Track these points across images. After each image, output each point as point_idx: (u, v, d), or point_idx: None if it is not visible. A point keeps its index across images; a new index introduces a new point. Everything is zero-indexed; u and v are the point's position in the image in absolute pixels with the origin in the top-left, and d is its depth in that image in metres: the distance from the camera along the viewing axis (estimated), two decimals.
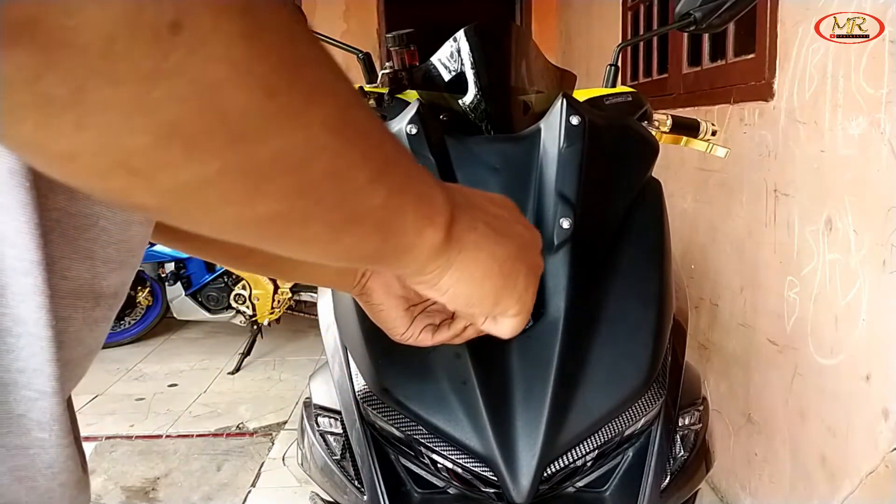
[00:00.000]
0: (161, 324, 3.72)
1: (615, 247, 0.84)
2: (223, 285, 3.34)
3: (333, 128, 0.28)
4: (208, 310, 3.35)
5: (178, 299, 3.33)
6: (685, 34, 1.76)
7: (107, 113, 0.21)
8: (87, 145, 0.22)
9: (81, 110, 0.21)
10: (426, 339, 0.62)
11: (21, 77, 0.20)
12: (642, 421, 0.79)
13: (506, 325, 0.49)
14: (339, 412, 0.84)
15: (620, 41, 1.85)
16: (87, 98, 0.21)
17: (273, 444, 2.51)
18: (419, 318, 0.62)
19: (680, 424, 0.83)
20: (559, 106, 0.86)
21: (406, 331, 0.61)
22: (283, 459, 2.35)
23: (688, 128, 1.20)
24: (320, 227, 0.31)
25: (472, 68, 0.99)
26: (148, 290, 3.62)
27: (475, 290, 0.42)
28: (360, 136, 0.30)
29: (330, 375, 0.88)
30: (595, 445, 0.75)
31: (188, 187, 0.25)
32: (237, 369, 3.22)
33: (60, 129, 0.21)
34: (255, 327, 3.31)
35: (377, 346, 0.78)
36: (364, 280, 0.60)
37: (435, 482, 0.78)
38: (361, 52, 1.23)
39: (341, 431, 0.83)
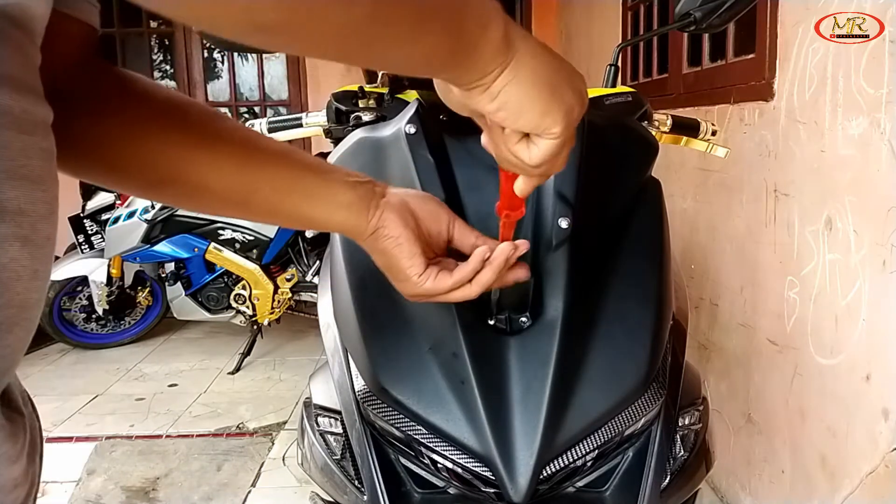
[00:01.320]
0: (161, 324, 3.72)
1: (614, 246, 0.84)
2: (223, 285, 3.34)
3: None
4: (208, 310, 3.35)
5: (178, 299, 3.33)
6: (685, 34, 1.76)
7: None
8: None
9: None
10: (444, 281, 0.60)
11: None
12: (642, 421, 0.79)
13: (543, 147, 0.49)
14: (339, 412, 0.84)
15: (620, 41, 1.85)
16: None
17: (273, 444, 2.51)
18: (433, 266, 0.60)
19: (680, 424, 0.83)
20: None
21: (423, 273, 0.60)
22: (283, 459, 2.35)
23: (688, 128, 1.20)
24: (402, 26, 0.36)
25: None
26: (148, 290, 3.62)
27: (526, 94, 0.44)
28: None
29: (330, 375, 0.88)
30: (595, 445, 0.75)
31: None
32: (237, 369, 3.22)
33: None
34: (255, 327, 3.31)
35: (377, 346, 0.78)
36: (379, 213, 0.58)
37: (435, 482, 0.78)
38: None
39: (341, 431, 0.83)
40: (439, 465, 0.75)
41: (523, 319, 0.77)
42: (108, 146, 0.52)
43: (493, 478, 0.71)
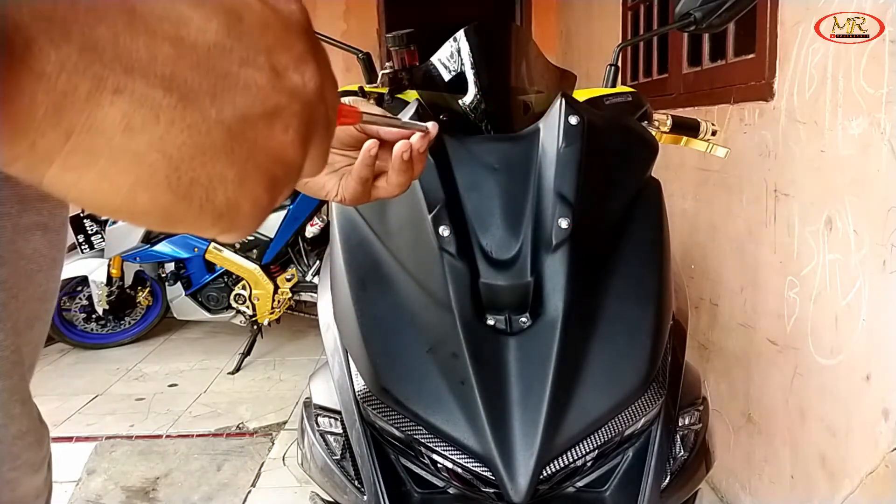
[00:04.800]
0: (161, 324, 3.72)
1: (614, 247, 0.84)
2: (223, 285, 3.34)
3: None
4: (208, 310, 3.35)
5: (178, 299, 3.33)
6: (685, 34, 1.76)
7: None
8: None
9: None
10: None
11: None
12: (642, 421, 0.79)
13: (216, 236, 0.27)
14: (339, 412, 0.84)
15: (620, 41, 1.85)
16: None
17: (273, 444, 2.51)
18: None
19: (680, 424, 0.83)
20: (558, 106, 0.86)
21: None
22: (283, 459, 2.35)
23: (688, 128, 1.20)
24: None
25: (472, 68, 0.99)
26: (148, 290, 3.62)
27: (110, 194, 0.23)
28: None
29: (330, 375, 0.88)
30: (595, 445, 0.75)
31: None
32: (237, 369, 3.22)
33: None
34: (255, 327, 3.31)
35: (377, 347, 0.78)
36: None
37: (435, 482, 0.78)
38: (361, 52, 1.23)
39: (341, 431, 0.83)
40: (439, 465, 0.75)
41: (523, 319, 0.77)
42: None
43: (493, 478, 0.71)
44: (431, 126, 0.50)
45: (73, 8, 0.20)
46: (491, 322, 0.78)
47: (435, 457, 0.75)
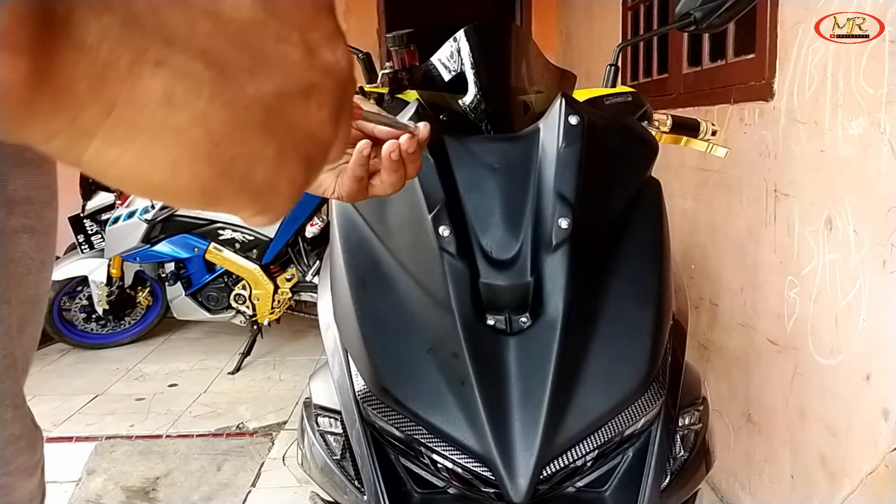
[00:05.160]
0: (161, 324, 3.72)
1: (614, 247, 0.84)
2: (223, 285, 3.34)
3: None
4: (208, 310, 3.35)
5: (178, 299, 3.33)
6: (685, 34, 1.76)
7: None
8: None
9: None
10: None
11: None
12: (642, 421, 0.79)
13: (241, 215, 0.27)
14: (339, 412, 0.84)
15: (620, 41, 1.85)
16: None
17: (273, 444, 2.51)
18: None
19: (680, 424, 0.83)
20: (558, 106, 0.86)
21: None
22: (283, 459, 2.35)
23: (688, 128, 1.20)
24: None
25: (472, 68, 0.99)
26: (148, 290, 3.62)
27: (152, 171, 0.23)
28: None
29: (330, 375, 0.88)
30: (595, 445, 0.75)
31: None
32: (237, 369, 3.22)
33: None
34: (255, 327, 3.31)
35: (376, 347, 0.78)
36: None
37: (435, 482, 0.78)
38: (361, 52, 1.23)
39: (341, 431, 0.83)
40: (439, 465, 0.75)
41: (523, 319, 0.77)
42: None
43: (493, 478, 0.71)
44: (422, 126, 0.49)
45: None
46: (491, 322, 0.78)
47: (435, 457, 0.75)
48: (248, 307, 3.27)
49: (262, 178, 0.24)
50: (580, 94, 1.04)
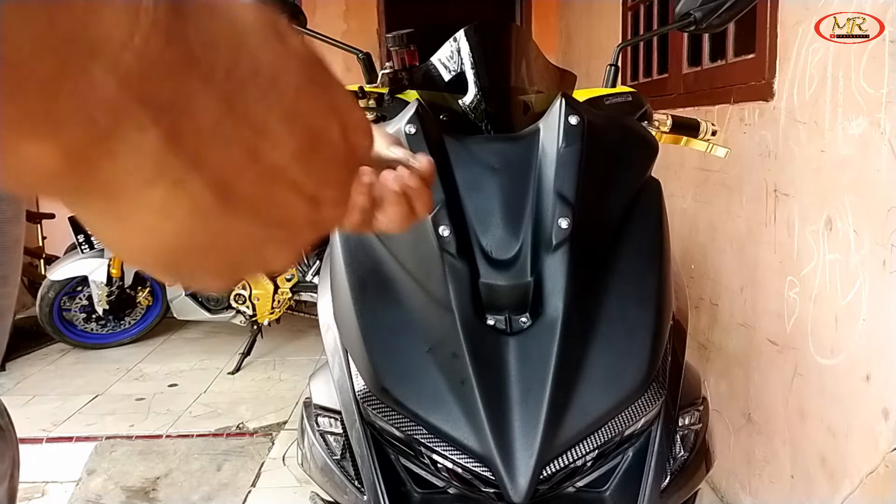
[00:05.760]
0: (161, 324, 3.72)
1: (614, 247, 0.84)
2: None
3: None
4: (208, 310, 3.35)
5: (178, 299, 3.33)
6: (685, 34, 1.76)
7: None
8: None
9: None
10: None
11: None
12: (642, 421, 0.79)
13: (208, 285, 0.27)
14: (339, 412, 0.84)
15: (620, 41, 1.85)
16: None
17: (273, 444, 2.51)
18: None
19: (680, 424, 0.83)
20: (558, 106, 0.86)
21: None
22: (283, 459, 2.35)
23: (688, 128, 1.20)
24: None
25: (472, 68, 0.99)
26: (148, 290, 3.62)
27: (124, 247, 0.24)
28: None
29: (330, 375, 0.88)
30: (595, 445, 0.75)
31: None
32: (237, 369, 3.22)
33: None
34: (255, 327, 3.31)
35: (376, 347, 0.78)
36: None
37: (435, 482, 0.78)
38: (361, 52, 1.23)
39: (341, 431, 0.83)
40: (439, 465, 0.75)
41: (523, 319, 0.77)
42: None
43: (493, 478, 0.71)
44: (423, 159, 0.46)
45: (175, 92, 0.20)
46: (491, 322, 0.78)
47: (435, 457, 0.75)
48: (248, 307, 3.27)
49: (202, 283, 0.26)
50: (580, 94, 1.04)
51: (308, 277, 3.32)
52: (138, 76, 0.19)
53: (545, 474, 0.72)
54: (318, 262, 3.30)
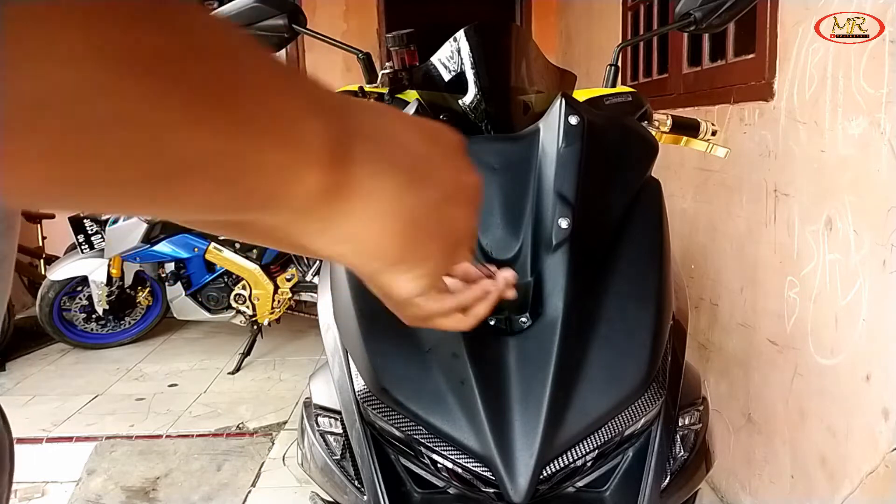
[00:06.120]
0: (161, 324, 3.72)
1: (614, 247, 0.84)
2: (223, 285, 3.34)
3: (109, 59, 0.21)
4: (208, 310, 3.35)
5: (178, 299, 3.33)
6: (685, 34, 1.76)
7: None
8: None
9: None
10: (446, 301, 0.56)
11: None
12: (642, 421, 0.79)
13: (400, 286, 0.38)
14: (339, 412, 0.84)
15: (620, 41, 1.85)
16: None
17: (273, 444, 2.51)
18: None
19: (680, 424, 0.83)
20: (558, 106, 0.86)
21: (426, 300, 0.55)
22: (283, 459, 2.35)
23: (688, 128, 1.20)
24: (137, 186, 0.25)
25: (472, 68, 0.99)
26: (148, 290, 3.62)
27: (373, 245, 0.34)
28: (167, 65, 0.23)
29: (330, 375, 0.88)
30: (595, 445, 0.75)
31: None
32: (237, 369, 3.22)
33: None
34: (255, 327, 3.31)
35: (376, 347, 0.78)
36: None
37: (435, 482, 0.78)
38: (361, 52, 1.23)
39: (341, 431, 0.83)
40: (439, 465, 0.75)
41: (523, 319, 0.77)
42: None
43: (493, 478, 0.71)
44: (509, 275, 0.58)
45: (380, 135, 0.33)
46: (491, 322, 0.78)
47: (435, 457, 0.75)
48: (248, 307, 3.27)
49: (437, 248, 0.37)
50: (580, 94, 1.04)
51: (308, 277, 3.32)
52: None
53: (545, 474, 0.72)
54: (318, 262, 3.30)
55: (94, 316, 3.53)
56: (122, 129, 0.22)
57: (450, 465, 0.74)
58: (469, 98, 0.99)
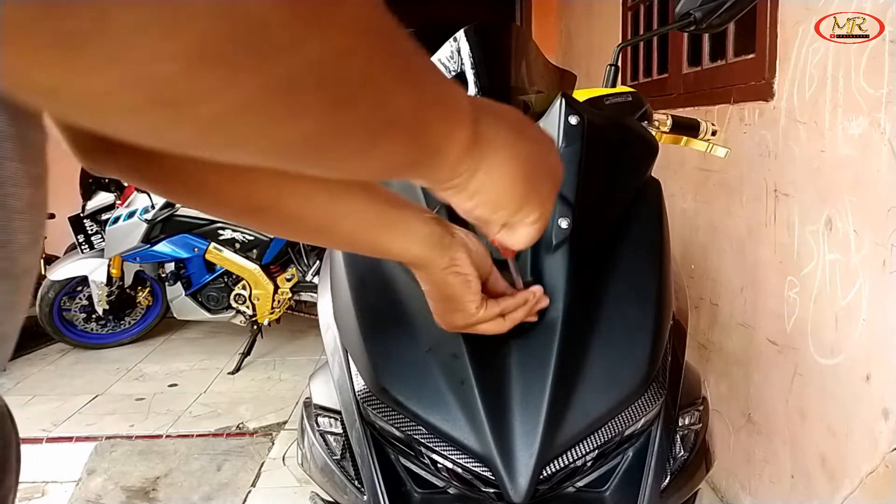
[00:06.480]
0: (161, 324, 3.72)
1: (614, 247, 0.84)
2: (223, 285, 3.34)
3: (361, 30, 0.27)
4: (208, 310, 3.35)
5: (178, 299, 3.33)
6: (685, 34, 1.76)
7: (132, 40, 0.20)
8: (116, 80, 0.21)
9: (105, 41, 0.20)
10: (492, 308, 0.65)
11: (33, 16, 0.19)
12: (642, 421, 0.79)
13: (523, 234, 0.48)
14: (339, 412, 0.84)
15: (620, 41, 1.85)
16: (110, 27, 0.20)
17: (273, 444, 2.51)
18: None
19: (680, 424, 0.83)
20: (558, 106, 0.86)
21: (480, 305, 0.64)
22: (283, 459, 2.35)
23: (688, 128, 1.20)
24: (356, 137, 0.31)
25: (472, 68, 0.99)
26: (148, 290, 3.62)
27: (503, 191, 0.43)
28: (384, 37, 0.30)
29: (330, 375, 0.88)
30: (595, 445, 0.75)
31: (227, 113, 0.24)
32: (237, 369, 3.22)
33: (87, 65, 0.20)
34: (255, 327, 3.31)
35: (376, 347, 0.78)
36: (454, 250, 0.61)
37: (435, 482, 0.78)
38: None
39: (341, 431, 0.83)
40: (439, 465, 0.75)
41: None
42: (203, 178, 0.52)
43: (493, 478, 0.71)
44: (537, 291, 0.70)
45: (487, 106, 0.42)
46: None
47: (435, 457, 0.75)
48: (248, 307, 3.27)
49: (546, 190, 0.47)
50: (580, 94, 1.04)
51: (308, 277, 3.32)
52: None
53: (545, 474, 0.72)
54: (318, 262, 3.30)
55: (94, 316, 3.53)
56: (364, 88, 0.28)
57: (450, 465, 0.74)
58: None
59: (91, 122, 0.24)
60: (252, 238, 3.21)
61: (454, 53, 1.03)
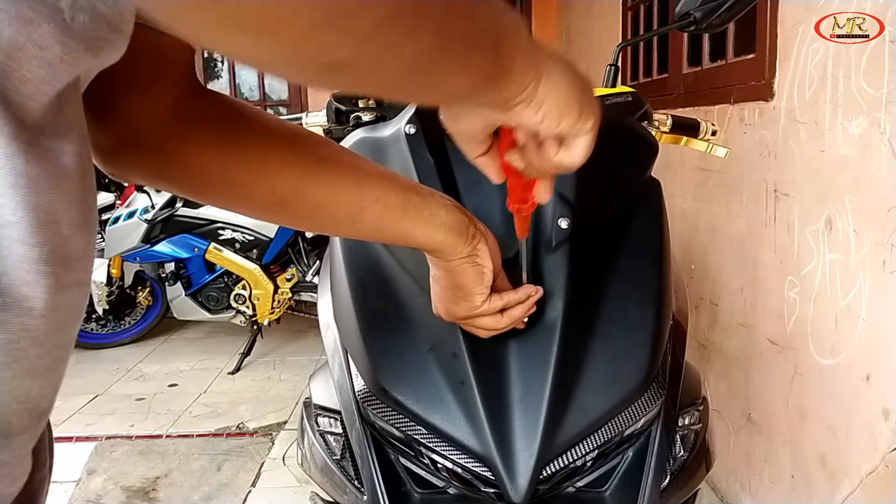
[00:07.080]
0: (161, 324, 3.72)
1: (614, 247, 0.84)
2: (223, 285, 3.34)
3: None
4: (208, 310, 3.35)
5: (178, 299, 3.33)
6: (685, 34, 1.76)
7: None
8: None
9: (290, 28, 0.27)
10: (495, 302, 0.67)
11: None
12: (642, 421, 0.79)
13: (581, 144, 0.51)
14: (339, 412, 0.84)
15: (620, 41, 1.85)
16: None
17: (273, 444, 2.51)
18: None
19: (680, 424, 0.83)
20: None
21: (486, 298, 0.66)
22: (283, 459, 2.35)
23: (688, 128, 1.20)
24: (457, 52, 0.36)
25: None
26: (148, 290, 3.62)
27: (565, 97, 0.47)
28: None
29: (330, 375, 0.88)
30: (595, 445, 0.75)
31: (378, 30, 0.30)
32: (237, 369, 3.22)
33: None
34: (255, 327, 3.31)
35: (376, 346, 0.78)
36: (476, 240, 0.63)
37: (435, 482, 0.78)
38: None
39: (341, 431, 0.83)
40: (439, 465, 0.75)
41: (524, 319, 0.77)
42: (226, 174, 0.53)
43: (493, 478, 0.71)
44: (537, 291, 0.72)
45: (541, 43, 0.45)
46: None
47: (435, 457, 0.75)
48: (248, 307, 3.27)
49: (595, 100, 0.50)
50: None
51: (308, 277, 3.32)
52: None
53: (545, 474, 0.72)
54: (318, 262, 3.30)
55: (94, 316, 3.53)
56: (461, 5, 0.35)
57: (450, 465, 0.74)
58: None
59: (267, 49, 0.30)
60: (252, 238, 3.21)
61: None
